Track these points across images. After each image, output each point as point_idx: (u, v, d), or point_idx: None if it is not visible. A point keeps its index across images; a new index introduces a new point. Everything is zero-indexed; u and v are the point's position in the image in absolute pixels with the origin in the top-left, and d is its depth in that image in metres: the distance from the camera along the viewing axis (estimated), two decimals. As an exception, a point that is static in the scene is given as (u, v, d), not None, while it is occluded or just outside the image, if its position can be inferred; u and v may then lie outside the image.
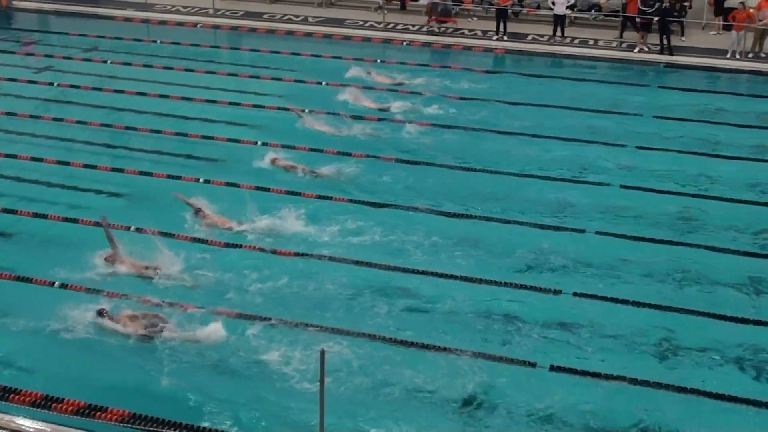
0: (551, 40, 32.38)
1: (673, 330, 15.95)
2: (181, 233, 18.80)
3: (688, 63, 30.43)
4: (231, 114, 25.65)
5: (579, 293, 16.93)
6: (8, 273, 17.25)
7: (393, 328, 15.89)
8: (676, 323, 16.13)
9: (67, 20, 35.51)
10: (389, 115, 25.54)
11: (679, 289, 17.34)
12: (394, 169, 22.12)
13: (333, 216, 19.54)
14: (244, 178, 21.24)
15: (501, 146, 23.55)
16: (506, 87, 28.29)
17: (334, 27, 34.05)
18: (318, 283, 17.20)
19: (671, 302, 16.73)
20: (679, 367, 15.11)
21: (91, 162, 22.19)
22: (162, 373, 14.63)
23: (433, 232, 19.00)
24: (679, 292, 17.23)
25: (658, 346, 15.60)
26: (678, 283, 17.53)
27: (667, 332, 15.89)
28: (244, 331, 15.60)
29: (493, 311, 16.43)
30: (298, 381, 14.46)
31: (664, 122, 25.39)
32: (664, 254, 18.39)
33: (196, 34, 33.73)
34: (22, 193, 20.76)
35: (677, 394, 14.33)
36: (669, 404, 14.15)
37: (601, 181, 21.63)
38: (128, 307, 15.98)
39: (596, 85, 28.74)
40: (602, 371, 14.76)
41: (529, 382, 14.61)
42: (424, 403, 14.17)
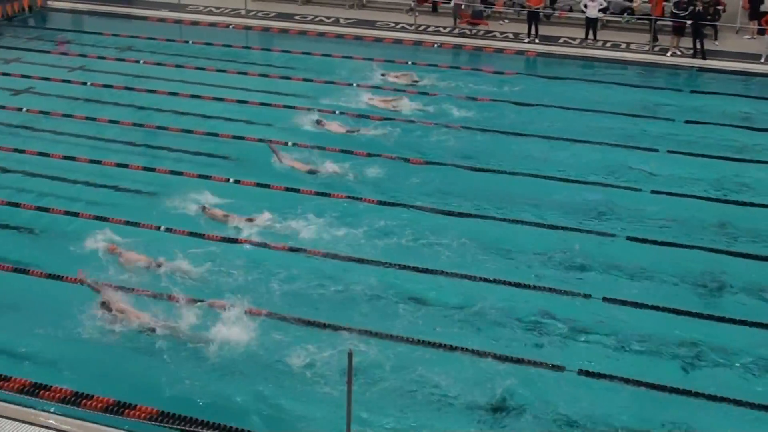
0: (583, 43, 32.25)
1: (703, 337, 15.83)
2: (208, 232, 18.89)
3: (722, 67, 30.19)
4: (262, 114, 25.67)
5: (608, 298, 16.85)
6: (39, 270, 17.36)
7: (420, 329, 15.88)
8: (706, 330, 16.02)
9: (100, 20, 35.71)
10: (418, 117, 25.51)
11: (709, 295, 17.22)
12: (422, 171, 22.10)
13: (361, 217, 19.58)
14: (274, 178, 21.30)
15: (532, 149, 23.46)
16: (537, 90, 28.16)
17: (365, 29, 34.05)
18: (345, 283, 17.23)
19: (702, 309, 16.63)
20: (709, 374, 15.01)
21: (122, 161, 22.33)
22: (189, 372, 14.71)
23: (462, 234, 18.97)
24: (709, 298, 17.12)
25: (688, 352, 15.49)
26: (708, 289, 17.41)
27: (698, 339, 15.77)
28: (271, 331, 15.65)
29: (521, 314, 16.40)
30: (324, 382, 14.50)
31: (697, 127, 25.19)
32: (695, 260, 18.26)
33: (228, 35, 33.83)
34: (54, 191, 20.91)
35: (707, 402, 14.24)
36: (698, 412, 14.06)
37: (632, 185, 21.51)
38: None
39: (628, 89, 28.55)
40: (630, 376, 14.69)
41: (557, 386, 14.56)
42: (451, 405, 14.16)
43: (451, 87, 28.05)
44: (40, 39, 33.54)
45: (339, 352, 14.86)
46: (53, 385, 14.14)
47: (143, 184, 20.92)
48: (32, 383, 14.21)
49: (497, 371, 14.75)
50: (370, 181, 21.51)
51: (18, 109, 26.00)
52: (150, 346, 15.31)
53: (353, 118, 25.27)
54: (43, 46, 32.45)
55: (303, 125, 24.62)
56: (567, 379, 14.75)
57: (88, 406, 13.73)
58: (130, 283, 16.93)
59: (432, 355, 15.22)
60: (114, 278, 17.03)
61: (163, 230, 18.99)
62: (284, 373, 14.77)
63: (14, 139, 23.83)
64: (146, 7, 36.79)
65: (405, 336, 15.62)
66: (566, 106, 26.48)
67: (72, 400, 13.85)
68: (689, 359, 15.37)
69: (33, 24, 35.96)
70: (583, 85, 28.92)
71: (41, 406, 13.78)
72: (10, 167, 22.19)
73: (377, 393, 14.32)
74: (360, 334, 15.56)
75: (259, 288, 17.03)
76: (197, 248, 18.18)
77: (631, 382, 14.60)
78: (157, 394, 14.17)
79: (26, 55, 31.08)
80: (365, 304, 16.69)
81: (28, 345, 15.39)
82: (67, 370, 14.76)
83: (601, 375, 14.76)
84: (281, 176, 21.44)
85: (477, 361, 15.06)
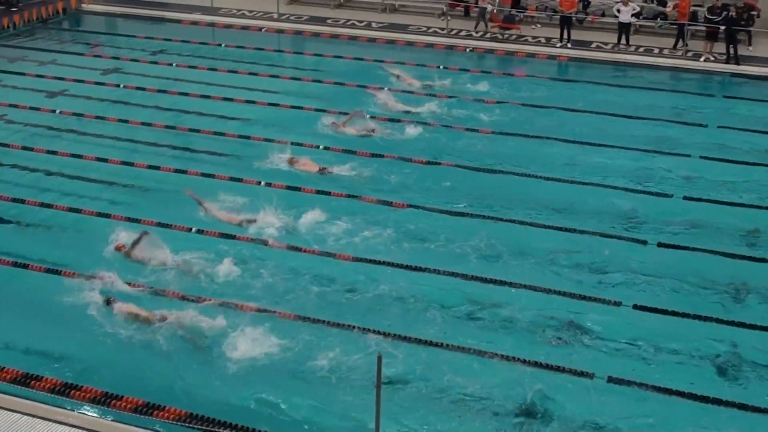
0: (615, 48, 32.12)
1: (734, 345, 15.73)
2: (241, 234, 18.96)
3: (756, 73, 29.96)
4: (293, 117, 25.72)
5: (639, 305, 16.75)
6: (71, 271, 17.48)
7: (449, 334, 15.87)
8: (737, 338, 15.90)
9: (134, 23, 35.94)
10: (447, 121, 25.50)
11: (741, 303, 17.11)
12: (454, 174, 22.07)
13: (389, 220, 19.60)
14: (306, 182, 21.34)
15: (563, 154, 23.38)
16: (569, 95, 28.09)
17: (397, 32, 34.06)
18: (373, 287, 17.24)
19: (733, 316, 16.50)
20: (740, 383, 14.90)
21: (154, 163, 22.45)
22: (217, 374, 14.78)
23: (490, 238, 18.93)
24: (741, 306, 16.99)
25: (719, 360, 15.40)
26: (740, 297, 17.30)
27: (729, 347, 15.68)
28: (299, 334, 15.70)
29: (551, 320, 16.34)
30: (353, 385, 14.51)
31: (730, 132, 25.01)
32: (726, 267, 18.15)
33: (261, 38, 33.94)
34: (87, 193, 21.06)
35: (737, 411, 14.14)
36: (728, 421, 13.96)
37: (664, 191, 21.39)
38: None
39: (661, 94, 28.43)
40: (660, 384, 14.61)
41: (586, 393, 14.50)
42: (478, 410, 14.15)
43: (482, 91, 28.00)
44: (74, 42, 33.84)
45: (367, 355, 14.88)
46: (84, 385, 14.23)
47: (175, 185, 20.98)
48: (63, 383, 14.31)
49: (526, 377, 14.72)
50: (398, 184, 21.51)
51: (52, 111, 26.21)
52: (178, 348, 15.38)
53: (382, 120, 25.29)
54: (77, 49, 32.72)
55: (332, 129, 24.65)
56: (596, 386, 14.68)
57: (117, 407, 13.81)
58: (160, 283, 17.02)
59: (460, 360, 15.20)
60: (149, 278, 17.18)
61: (194, 231, 19.08)
62: (314, 375, 14.79)
63: (47, 141, 24.03)
64: (179, 10, 36.98)
65: (433, 340, 15.60)
66: (598, 111, 26.40)
67: (102, 400, 13.93)
68: (721, 368, 15.26)
69: (67, 27, 36.25)
70: (615, 89, 28.79)
71: (72, 406, 13.87)
72: (43, 168, 22.36)
73: (405, 397, 14.32)
74: (388, 338, 15.57)
75: (286, 291, 17.08)
76: (227, 249, 18.28)
77: (661, 390, 14.51)
78: (185, 395, 14.24)
79: (60, 58, 31.34)
80: (393, 308, 16.69)
81: (57, 345, 15.50)
82: (97, 370, 14.86)
83: (630, 382, 14.68)
84: (310, 180, 21.48)
85: (506, 366, 15.03)
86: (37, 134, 24.64)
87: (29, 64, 30.61)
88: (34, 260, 17.95)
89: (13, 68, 30.11)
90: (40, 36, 34.30)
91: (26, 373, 14.52)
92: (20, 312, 16.44)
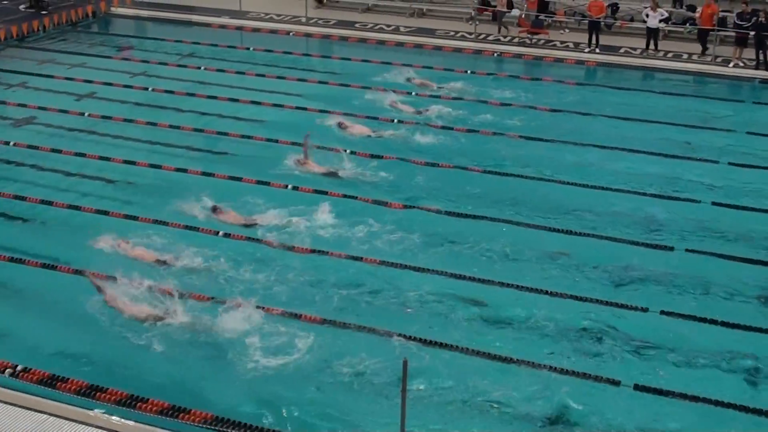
0: (644, 53, 32.00)
1: (763, 352, 15.61)
2: (267, 237, 18.99)
3: (785, 79, 29.85)
4: (321, 121, 25.75)
5: (666, 311, 16.66)
6: (97, 272, 17.54)
7: (476, 340, 15.82)
8: (766, 345, 15.78)
9: (162, 27, 36.14)
10: (478, 126, 25.46)
11: (769, 310, 17.01)
12: (479, 179, 22.05)
13: (417, 224, 19.59)
14: (332, 186, 21.36)
15: (590, 159, 23.30)
16: (597, 100, 28.00)
17: (425, 37, 34.07)
18: (400, 291, 17.24)
19: (762, 323, 16.39)
20: (768, 390, 14.82)
21: (182, 166, 22.54)
22: (241, 377, 14.81)
23: (518, 243, 18.91)
24: (770, 312, 16.90)
25: (747, 368, 15.30)
26: (768, 304, 17.21)
27: (757, 354, 15.56)
28: (324, 337, 15.72)
29: (577, 327, 16.28)
30: (378, 389, 14.51)
31: (759, 139, 24.89)
32: (754, 274, 18.03)
33: (289, 42, 34.02)
34: (115, 195, 21.16)
35: (766, 419, 14.02)
36: (757, 429, 13.85)
37: (692, 197, 21.27)
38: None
39: (689, 100, 28.31)
40: (688, 392, 14.51)
41: (613, 400, 14.43)
42: (504, 416, 14.10)
43: (509, 95, 27.96)
44: (103, 45, 34.03)
45: (391, 359, 14.87)
46: (109, 387, 14.29)
47: (202, 188, 21.03)
48: (89, 385, 14.37)
49: (551, 383, 14.66)
50: (426, 188, 21.52)
51: (80, 114, 26.36)
52: (205, 352, 15.44)
53: (411, 125, 25.29)
54: (106, 52, 32.91)
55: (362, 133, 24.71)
56: (623, 393, 14.61)
57: (143, 409, 13.85)
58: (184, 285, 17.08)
59: (485, 365, 15.15)
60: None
61: (221, 235, 19.13)
62: (335, 379, 14.80)
63: (76, 143, 24.17)
64: (208, 13, 37.13)
65: (459, 345, 15.58)
66: (626, 117, 26.29)
67: (128, 402, 13.98)
68: (749, 375, 15.16)
69: (96, 30, 36.46)
70: (644, 95, 28.70)
71: (98, 407, 13.92)
72: (72, 171, 22.48)
73: (430, 402, 14.29)
74: (414, 343, 15.55)
75: (311, 294, 17.11)
76: (253, 253, 18.32)
77: (688, 397, 14.42)
78: (210, 398, 14.28)
79: (89, 61, 31.52)
80: (419, 312, 16.68)
81: (82, 347, 15.58)
82: (121, 372, 14.93)
83: (657, 390, 14.59)
84: (340, 184, 21.50)
85: (531, 372, 14.98)
86: (66, 136, 24.79)
87: (58, 66, 30.80)
88: (62, 262, 18.03)
89: (43, 71, 30.31)
90: (69, 39, 34.52)
91: (52, 374, 14.60)
92: (47, 314, 16.51)
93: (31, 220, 19.98)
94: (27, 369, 14.73)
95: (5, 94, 28.19)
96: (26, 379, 14.53)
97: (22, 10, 36.40)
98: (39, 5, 36.39)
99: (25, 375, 14.62)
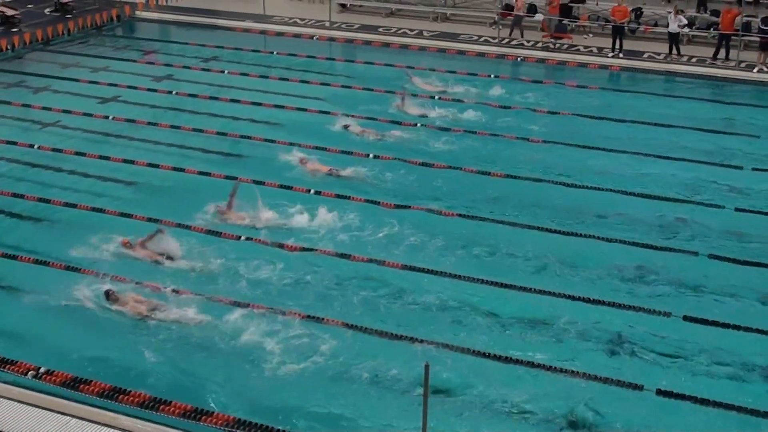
0: (668, 58, 31.89)
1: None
2: (290, 242, 19.02)
3: (811, 84, 29.67)
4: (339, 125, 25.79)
5: (689, 317, 16.59)
6: (124, 277, 17.63)
7: (497, 343, 15.80)
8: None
9: (186, 31, 36.28)
10: (501, 131, 25.41)
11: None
12: (501, 184, 22.01)
13: (438, 229, 19.59)
14: (354, 191, 21.38)
15: (613, 164, 23.24)
16: (620, 104, 27.93)
17: (448, 41, 34.05)
18: (421, 296, 17.23)
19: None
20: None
21: (205, 169, 22.61)
22: (263, 381, 14.87)
23: (540, 248, 18.88)
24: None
25: (771, 373, 15.24)
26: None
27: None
28: (345, 342, 15.76)
29: (600, 331, 16.22)
30: (399, 393, 14.51)
31: (783, 144, 24.79)
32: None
33: (312, 46, 34.10)
34: (138, 198, 21.26)
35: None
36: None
37: (715, 202, 21.18)
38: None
39: (713, 105, 28.19)
40: (711, 397, 14.44)
41: (636, 406, 14.38)
42: (526, 421, 14.08)
43: (533, 100, 27.94)
44: (127, 48, 34.21)
45: (413, 363, 14.86)
46: (132, 390, 14.35)
47: (225, 192, 21.07)
48: (112, 387, 14.43)
49: (574, 388, 14.63)
50: (447, 193, 21.52)
51: (105, 117, 26.52)
52: (226, 355, 15.48)
53: (431, 129, 25.32)
54: (130, 56, 33.07)
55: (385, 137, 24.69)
56: (645, 398, 14.55)
57: (165, 411, 13.90)
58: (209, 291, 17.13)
59: (507, 370, 15.13)
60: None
61: (243, 239, 19.18)
62: (356, 383, 14.80)
63: (100, 146, 24.31)
64: (231, 18, 37.25)
65: (480, 350, 15.56)
66: (649, 121, 26.21)
67: (150, 405, 14.03)
68: (772, 381, 15.10)
69: (121, 33, 36.70)
70: (667, 100, 28.61)
71: (121, 409, 13.98)
72: (96, 173, 22.61)
73: (452, 406, 14.29)
74: (435, 347, 15.54)
75: (333, 298, 17.15)
76: (275, 258, 18.37)
77: (711, 403, 14.34)
78: (232, 401, 14.32)
79: (114, 64, 31.70)
80: (440, 316, 16.67)
81: (103, 350, 15.66)
82: (144, 375, 15.00)
83: (680, 395, 14.53)
84: (362, 189, 21.52)
85: (554, 377, 14.95)
86: (90, 139, 24.93)
87: (83, 70, 31.00)
88: (84, 265, 18.10)
89: (67, 74, 30.51)
90: (93, 42, 34.75)
91: (75, 377, 14.67)
92: (69, 317, 16.60)
93: (55, 222, 20.07)
94: (50, 371, 14.80)
95: (30, 97, 28.37)
96: (49, 381, 14.60)
97: (47, 13, 36.63)
98: (64, 9, 36.62)
99: (48, 377, 14.70)
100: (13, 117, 26.73)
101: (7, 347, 15.62)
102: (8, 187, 21.72)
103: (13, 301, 17.14)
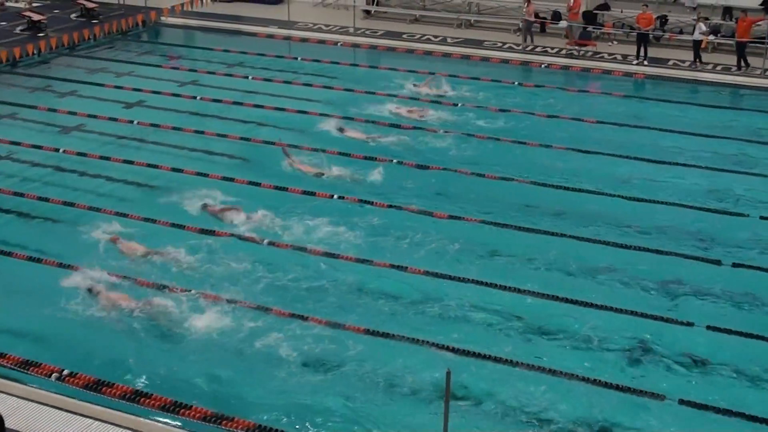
0: (692, 65, 31.76)
1: (810, 369, 15.44)
2: (311, 245, 19.04)
3: (838, 93, 29.48)
4: (366, 131, 25.78)
5: (712, 326, 16.49)
6: (148, 281, 17.69)
7: (519, 351, 15.75)
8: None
9: (211, 36, 36.43)
10: (525, 138, 25.38)
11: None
12: (527, 191, 21.98)
13: (457, 234, 19.56)
14: (378, 196, 21.38)
15: (637, 172, 23.17)
16: (645, 112, 27.86)
17: (472, 48, 34.04)
18: (442, 302, 17.21)
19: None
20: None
21: (228, 174, 22.66)
22: (284, 385, 14.86)
23: (560, 254, 18.83)
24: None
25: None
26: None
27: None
28: (367, 347, 15.74)
29: (622, 340, 16.15)
30: (420, 400, 14.49)
31: (809, 153, 24.64)
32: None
33: (336, 52, 34.18)
34: (161, 203, 21.30)
35: (814, 436, 13.88)
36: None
37: (740, 211, 21.06)
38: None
39: (738, 113, 28.07)
40: (733, 408, 14.35)
41: (658, 415, 14.29)
42: (548, 430, 14.01)
43: (557, 107, 27.90)
44: (152, 53, 34.38)
45: (434, 369, 14.84)
46: (154, 393, 14.39)
47: (248, 197, 21.13)
48: (134, 390, 14.48)
49: (596, 397, 14.57)
50: (469, 199, 21.49)
51: (129, 122, 26.64)
52: (247, 360, 15.50)
53: (455, 135, 25.33)
54: (155, 61, 33.25)
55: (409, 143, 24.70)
56: (667, 408, 14.47)
57: (186, 415, 13.93)
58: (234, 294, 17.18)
59: (529, 378, 15.08)
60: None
61: (265, 243, 19.21)
62: (378, 389, 14.80)
63: (125, 151, 24.41)
64: (256, 23, 37.38)
65: (502, 357, 15.51)
66: (674, 129, 26.12)
67: (171, 408, 14.07)
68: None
69: (146, 39, 36.84)
70: (692, 108, 28.48)
71: (142, 413, 14.01)
72: (120, 178, 22.71)
73: (473, 414, 14.25)
74: (457, 354, 15.51)
75: (354, 304, 17.15)
76: (300, 265, 18.37)
77: (734, 413, 14.26)
78: (251, 406, 14.33)
79: (138, 69, 31.86)
80: (462, 322, 16.63)
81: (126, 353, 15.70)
82: (166, 379, 15.04)
83: (702, 405, 14.44)
84: (385, 194, 21.51)
85: (576, 385, 14.89)
86: (114, 144, 25.05)
87: (108, 75, 31.15)
88: (107, 268, 18.11)
89: (93, 79, 30.67)
90: (119, 48, 34.92)
91: (98, 379, 14.72)
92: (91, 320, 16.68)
93: (79, 225, 20.13)
94: (73, 374, 14.86)
95: (56, 101, 28.54)
96: (72, 384, 14.66)
97: (74, 19, 36.87)
98: (90, 14, 36.83)
99: (71, 379, 14.75)
100: (38, 121, 26.88)
101: (33, 350, 15.66)
102: (33, 190, 21.83)
103: (36, 304, 17.16)
